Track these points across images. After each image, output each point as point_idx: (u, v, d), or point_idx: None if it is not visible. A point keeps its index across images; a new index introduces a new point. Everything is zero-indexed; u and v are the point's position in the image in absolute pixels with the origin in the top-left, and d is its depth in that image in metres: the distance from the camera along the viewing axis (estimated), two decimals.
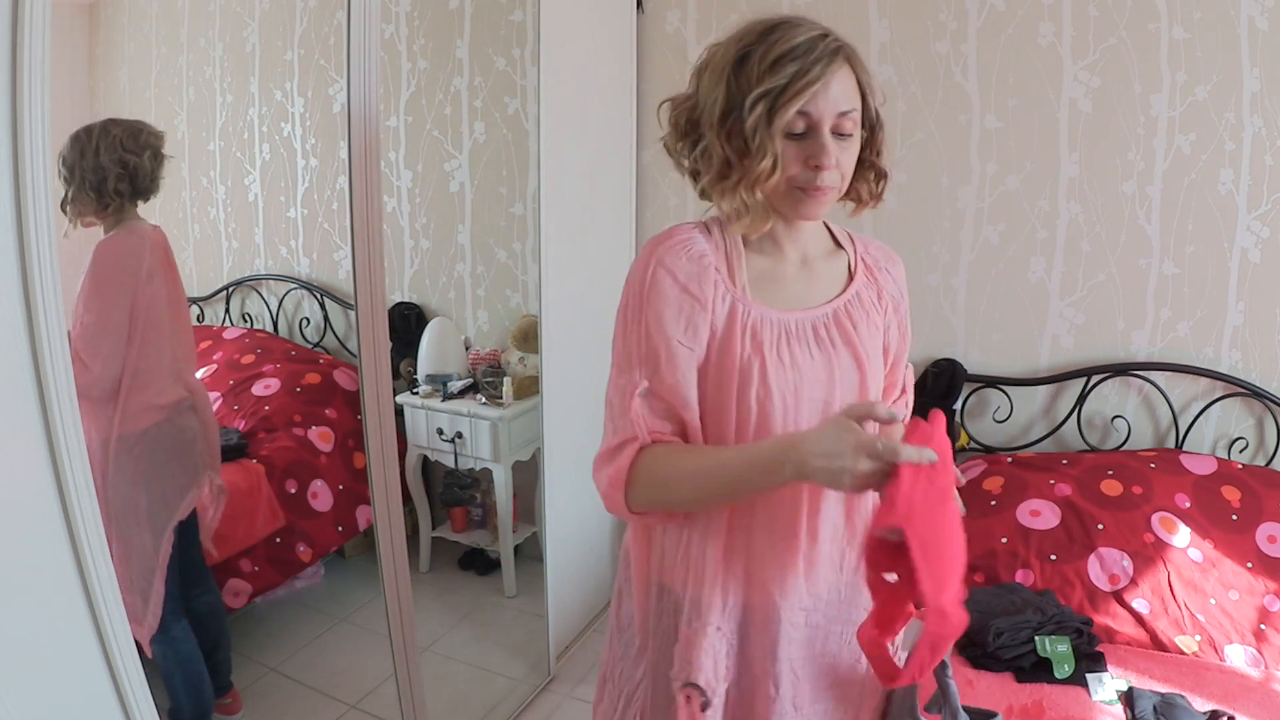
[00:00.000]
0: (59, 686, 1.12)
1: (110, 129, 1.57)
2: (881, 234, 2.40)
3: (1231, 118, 2.00)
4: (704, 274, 0.95)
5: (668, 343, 0.94)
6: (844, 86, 0.90)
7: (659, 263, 0.95)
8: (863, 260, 1.06)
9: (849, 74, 0.91)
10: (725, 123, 0.91)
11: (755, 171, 0.90)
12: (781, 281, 1.00)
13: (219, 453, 1.83)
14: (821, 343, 0.98)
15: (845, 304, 1.01)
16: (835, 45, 0.90)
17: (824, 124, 0.89)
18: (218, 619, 1.86)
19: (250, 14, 2.08)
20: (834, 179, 0.92)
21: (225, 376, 2.08)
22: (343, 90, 1.53)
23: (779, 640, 0.99)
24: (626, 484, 0.93)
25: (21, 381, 1.04)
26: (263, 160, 2.15)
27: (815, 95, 0.88)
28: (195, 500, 1.75)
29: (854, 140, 0.93)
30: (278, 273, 2.24)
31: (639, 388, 0.94)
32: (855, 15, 2.32)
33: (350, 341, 2.30)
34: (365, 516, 2.25)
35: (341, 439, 2.23)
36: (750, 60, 0.90)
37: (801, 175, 0.92)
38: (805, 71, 0.87)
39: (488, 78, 2.55)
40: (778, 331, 0.96)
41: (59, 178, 1.51)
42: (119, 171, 1.57)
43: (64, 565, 1.10)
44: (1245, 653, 1.65)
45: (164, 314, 1.68)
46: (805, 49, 0.88)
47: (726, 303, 0.95)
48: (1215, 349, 2.12)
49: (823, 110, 0.89)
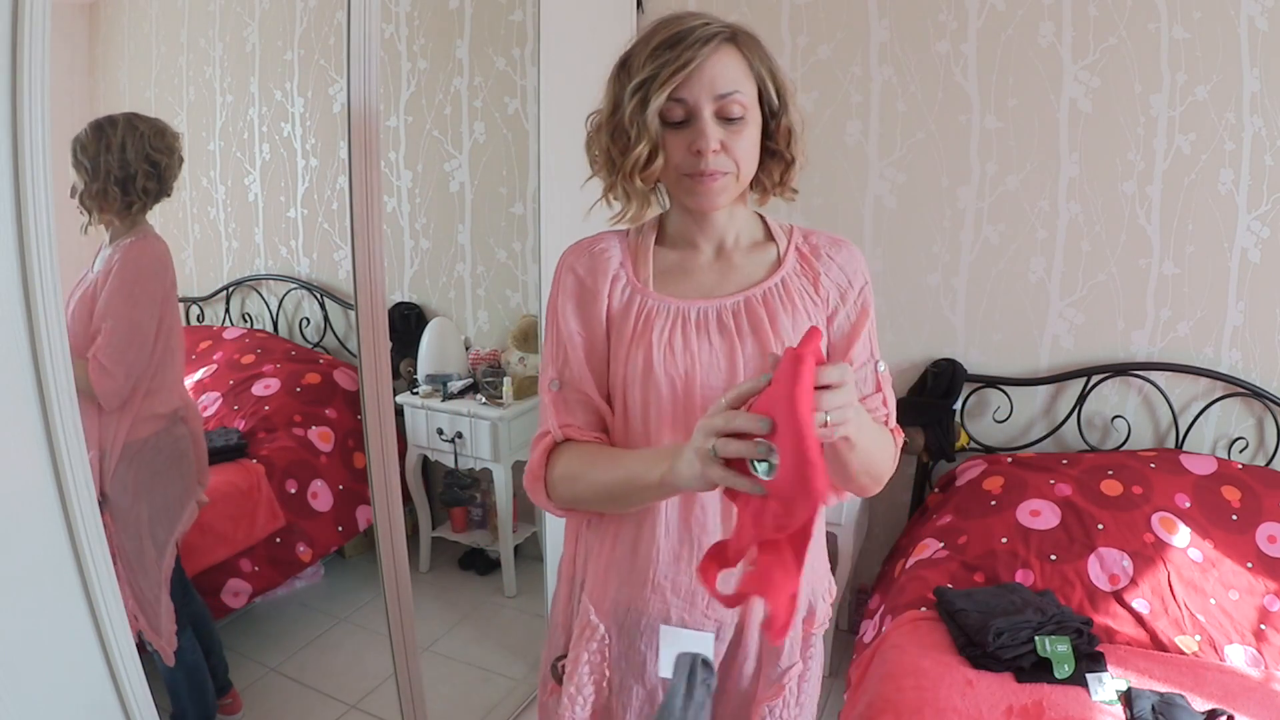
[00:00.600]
0: (59, 687, 1.12)
1: (136, 124, 1.53)
2: (882, 234, 2.40)
3: (1231, 118, 2.00)
4: (599, 266, 0.98)
5: (570, 336, 0.97)
6: (725, 68, 0.89)
7: (565, 264, 1.00)
8: (797, 249, 1.02)
9: (734, 57, 0.90)
10: (611, 120, 0.93)
11: (632, 158, 0.90)
12: (691, 273, 1.00)
13: (207, 464, 1.81)
14: (725, 330, 0.95)
15: (763, 292, 0.98)
16: (714, 31, 0.89)
17: (702, 108, 0.89)
18: (206, 625, 1.85)
19: (250, 14, 2.07)
20: (722, 163, 0.91)
21: (225, 376, 2.08)
22: (343, 90, 1.53)
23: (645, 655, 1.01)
24: (545, 479, 0.96)
25: (21, 381, 1.04)
26: (263, 160, 2.15)
27: (689, 79, 0.87)
28: (195, 512, 1.72)
29: (746, 124, 0.91)
30: (278, 273, 2.24)
31: (550, 382, 0.98)
32: (855, 15, 2.32)
33: (350, 341, 2.30)
34: (365, 516, 2.25)
35: (341, 439, 2.23)
36: (633, 58, 0.91)
37: (686, 162, 0.91)
38: (677, 58, 0.87)
39: (488, 78, 2.55)
40: (672, 319, 0.95)
41: (77, 166, 1.46)
42: (148, 169, 1.53)
43: (64, 565, 1.10)
44: (1245, 653, 1.65)
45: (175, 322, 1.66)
46: (681, 37, 0.88)
47: (626, 294, 0.97)
48: (1215, 349, 2.12)
49: (698, 94, 0.88)
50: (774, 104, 0.94)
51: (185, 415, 1.72)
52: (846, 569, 2.28)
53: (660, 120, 0.90)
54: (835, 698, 2.21)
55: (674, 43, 0.88)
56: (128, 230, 1.56)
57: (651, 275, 0.99)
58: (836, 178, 2.42)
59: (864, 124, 2.37)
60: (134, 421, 1.58)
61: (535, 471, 0.96)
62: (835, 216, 2.44)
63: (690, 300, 0.97)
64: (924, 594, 1.83)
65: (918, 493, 2.44)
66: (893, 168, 2.36)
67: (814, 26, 2.37)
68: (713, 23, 0.90)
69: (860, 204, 2.41)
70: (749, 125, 0.91)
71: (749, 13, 2.43)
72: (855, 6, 2.31)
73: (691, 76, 0.87)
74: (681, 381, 0.93)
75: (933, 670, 1.57)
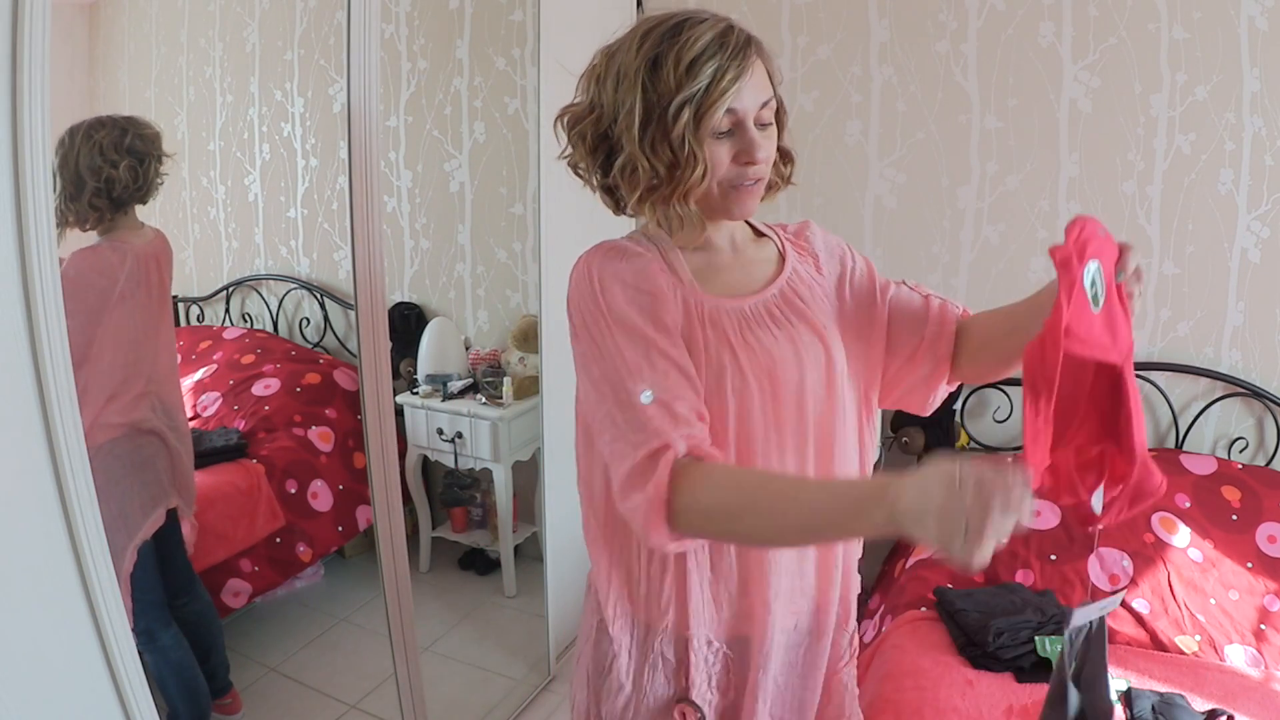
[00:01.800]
0: (59, 687, 1.12)
1: (94, 133, 1.48)
2: (882, 234, 2.40)
3: (1231, 118, 2.00)
4: (647, 269, 0.91)
5: (649, 343, 0.86)
6: (760, 77, 0.88)
7: (600, 274, 0.90)
8: (788, 240, 1.05)
9: (760, 63, 0.89)
10: (647, 133, 0.86)
11: (689, 181, 0.87)
12: (721, 272, 0.98)
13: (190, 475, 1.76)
14: (780, 323, 0.95)
15: (788, 282, 0.99)
16: (745, 36, 0.88)
17: (749, 118, 0.87)
18: (208, 625, 1.84)
19: (250, 14, 2.07)
20: (764, 172, 0.91)
21: (225, 376, 2.08)
22: (343, 90, 1.53)
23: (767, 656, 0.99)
24: (668, 503, 0.80)
25: (21, 381, 1.04)
26: (263, 160, 2.15)
27: (740, 91, 0.86)
28: (160, 520, 1.68)
29: (774, 128, 0.92)
30: (278, 273, 2.23)
31: (641, 394, 0.84)
32: (855, 15, 2.32)
33: (350, 341, 2.29)
34: (365, 516, 2.25)
35: (341, 439, 2.23)
36: (663, 64, 0.85)
37: (733, 174, 0.89)
38: (725, 70, 0.84)
39: (488, 78, 2.55)
40: (736, 319, 0.93)
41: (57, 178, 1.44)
42: (95, 185, 1.48)
43: (64, 565, 1.10)
44: (1245, 652, 1.65)
45: (139, 332, 1.62)
46: (719, 45, 0.85)
47: (678, 298, 0.92)
48: (1215, 349, 2.12)
49: (747, 105, 0.87)
50: (779, 104, 0.94)
51: (154, 426, 1.66)
52: None
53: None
54: None
55: (713, 53, 0.84)
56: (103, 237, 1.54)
57: (692, 277, 0.95)
58: (836, 178, 2.42)
59: (864, 124, 2.37)
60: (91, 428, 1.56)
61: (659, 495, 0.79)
62: (835, 216, 2.44)
63: (738, 298, 0.95)
64: (924, 594, 1.83)
65: None
66: (893, 168, 2.36)
67: (814, 26, 2.37)
68: (735, 26, 0.88)
69: (860, 204, 2.41)
70: (774, 128, 0.92)
71: (749, 13, 2.43)
72: (855, 6, 2.31)
73: (741, 89, 0.86)
74: (768, 380, 0.91)
75: (933, 670, 1.57)
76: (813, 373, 0.93)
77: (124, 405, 1.60)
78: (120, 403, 1.60)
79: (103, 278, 1.54)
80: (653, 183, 0.88)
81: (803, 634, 1.03)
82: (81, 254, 1.53)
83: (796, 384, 0.92)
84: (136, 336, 1.61)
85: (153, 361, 1.68)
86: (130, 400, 1.62)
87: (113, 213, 1.54)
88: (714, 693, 1.00)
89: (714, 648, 0.99)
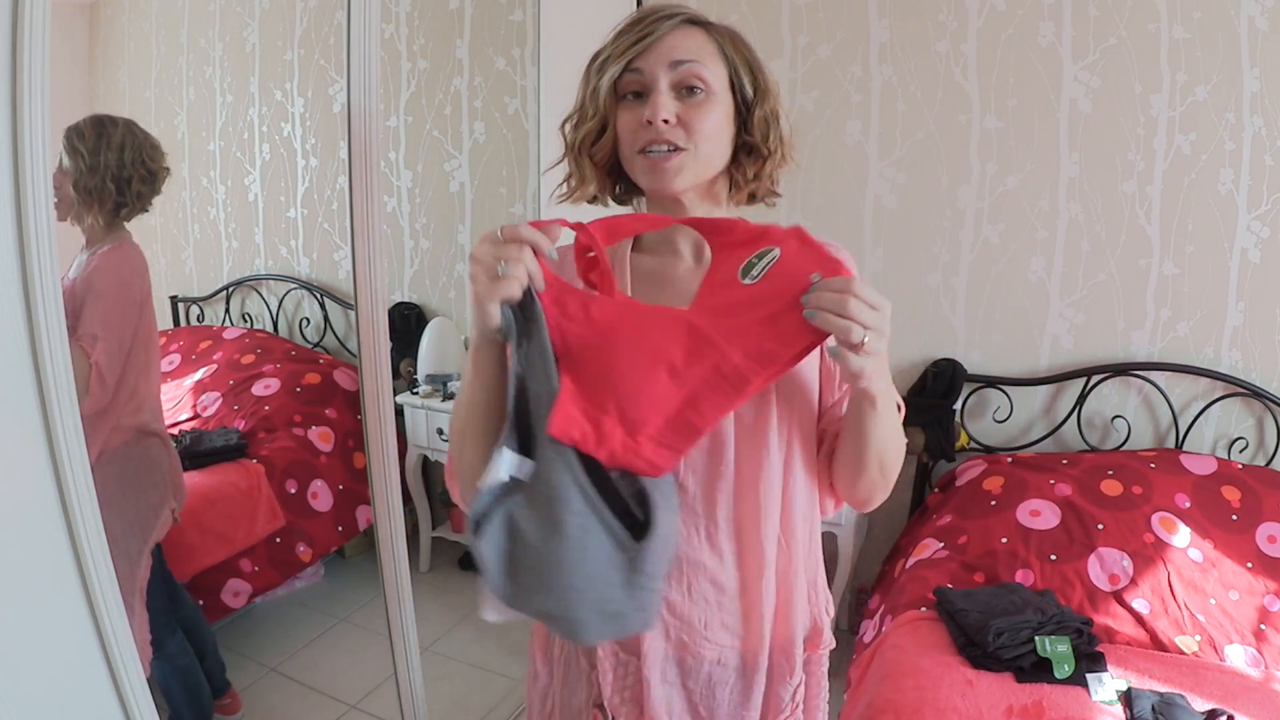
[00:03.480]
0: (59, 687, 1.12)
1: (135, 131, 1.52)
2: (882, 234, 2.40)
3: (1231, 118, 2.00)
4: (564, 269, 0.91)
5: None
6: (684, 40, 0.86)
7: None
8: None
9: (699, 36, 0.88)
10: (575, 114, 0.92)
11: (582, 132, 0.89)
12: (672, 280, 0.95)
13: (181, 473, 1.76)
14: None
15: None
16: (677, 12, 0.87)
17: (658, 77, 0.85)
18: (200, 629, 1.84)
19: (250, 14, 2.07)
20: (677, 136, 0.85)
21: (225, 376, 2.08)
22: (343, 90, 1.53)
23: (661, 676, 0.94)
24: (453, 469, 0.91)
25: (21, 381, 1.04)
26: (263, 160, 2.15)
27: (645, 50, 0.85)
28: (169, 523, 1.68)
29: (709, 102, 0.86)
30: (278, 273, 2.23)
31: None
32: (855, 15, 2.32)
33: (350, 341, 2.29)
34: (365, 516, 2.25)
35: (341, 439, 2.23)
36: (602, 49, 0.90)
37: (638, 136, 0.86)
38: (638, 32, 0.86)
39: (488, 78, 2.55)
40: None
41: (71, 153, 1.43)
42: (144, 174, 1.52)
43: (64, 566, 1.10)
44: (1245, 653, 1.65)
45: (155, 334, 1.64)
46: (644, 15, 0.87)
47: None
48: (1215, 349, 2.12)
49: (654, 64, 0.85)
50: (747, 92, 0.89)
51: (156, 428, 1.68)
52: (846, 569, 2.28)
53: (616, 94, 0.87)
54: (835, 697, 2.20)
55: (636, 20, 0.87)
56: (103, 237, 1.52)
57: (629, 284, 0.94)
58: (836, 177, 2.42)
59: (864, 124, 2.37)
60: (111, 431, 1.55)
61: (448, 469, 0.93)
62: (835, 216, 2.44)
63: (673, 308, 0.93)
64: (924, 594, 1.83)
65: (918, 493, 2.44)
66: (893, 168, 2.36)
67: (814, 26, 2.37)
68: (682, 10, 0.89)
69: (860, 204, 2.41)
70: (713, 104, 0.87)
71: (749, 13, 2.43)
72: (855, 6, 2.31)
73: (649, 47, 0.85)
74: None
75: (933, 670, 1.57)
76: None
77: (139, 406, 1.61)
78: (138, 405, 1.61)
79: (140, 277, 1.57)
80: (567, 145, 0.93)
81: (729, 670, 0.96)
82: (119, 251, 1.53)
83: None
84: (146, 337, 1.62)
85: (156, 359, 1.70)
86: (146, 401, 1.64)
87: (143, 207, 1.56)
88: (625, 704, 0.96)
89: (620, 658, 0.95)
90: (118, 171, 1.49)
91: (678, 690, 0.95)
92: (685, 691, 0.95)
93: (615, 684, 0.96)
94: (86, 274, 1.48)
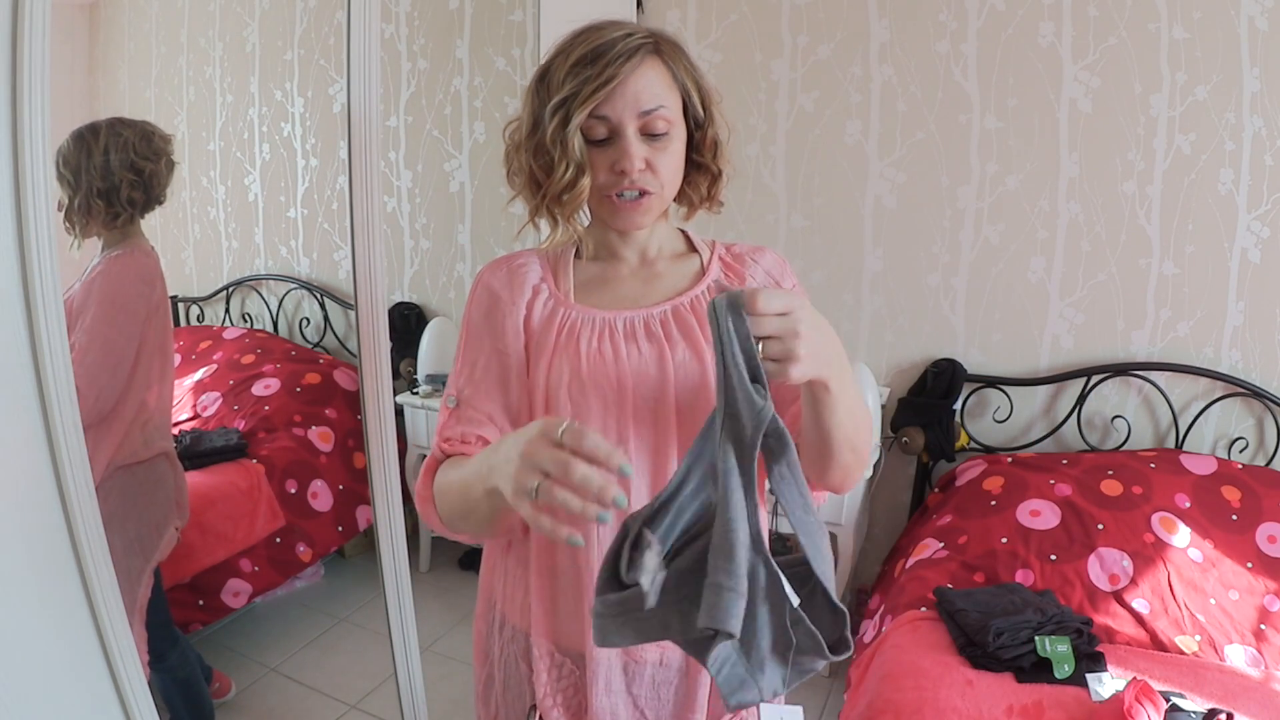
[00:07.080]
0: (59, 687, 1.12)
1: (120, 130, 1.47)
2: (882, 234, 2.40)
3: (1231, 118, 2.00)
4: (516, 280, 0.94)
5: (479, 352, 0.93)
6: (649, 83, 0.85)
7: (481, 281, 0.96)
8: (720, 258, 1.00)
9: (658, 70, 0.86)
10: (532, 139, 0.88)
11: (558, 183, 0.86)
12: (614, 284, 0.96)
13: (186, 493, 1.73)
14: (654, 338, 0.91)
15: (690, 300, 0.94)
16: (637, 43, 0.85)
17: (625, 125, 0.85)
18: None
19: (250, 14, 2.07)
20: (647, 181, 0.87)
21: (225, 376, 2.08)
22: (343, 90, 1.53)
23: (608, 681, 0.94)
24: (432, 498, 0.88)
25: (21, 382, 1.04)
26: (263, 160, 2.15)
27: (611, 96, 0.84)
28: (174, 541, 1.64)
29: (671, 140, 0.88)
30: (278, 273, 2.24)
31: (448, 398, 0.93)
32: (855, 15, 2.32)
33: (350, 341, 2.30)
34: (365, 516, 2.25)
35: (341, 439, 2.23)
36: (552, 71, 0.86)
37: (609, 182, 0.87)
38: (599, 74, 0.83)
39: (488, 78, 2.55)
40: (598, 329, 0.91)
41: (59, 180, 1.40)
42: (133, 178, 1.46)
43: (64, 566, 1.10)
44: (1245, 652, 1.65)
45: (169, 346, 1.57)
46: (603, 50, 0.84)
47: (549, 306, 0.93)
48: (1215, 349, 2.12)
49: (621, 111, 0.84)
50: (699, 115, 0.91)
51: (163, 446, 1.64)
52: (846, 569, 2.28)
53: (583, 138, 0.86)
54: (835, 697, 2.21)
55: (595, 57, 0.84)
56: (117, 242, 1.49)
57: (573, 287, 0.95)
58: (836, 178, 2.42)
59: (864, 124, 2.37)
60: (121, 446, 1.51)
61: (420, 493, 0.89)
62: (835, 216, 2.44)
63: (616, 310, 0.93)
64: (924, 594, 1.83)
65: (918, 493, 2.44)
66: (893, 168, 2.36)
67: (814, 26, 2.37)
68: (635, 33, 0.86)
69: (860, 204, 2.41)
70: (674, 141, 0.88)
71: (749, 13, 2.43)
72: (855, 6, 2.31)
73: (614, 93, 0.83)
74: (613, 391, 0.89)
75: (933, 670, 1.57)
76: (685, 391, 0.91)
77: (141, 421, 1.57)
78: (153, 420, 1.58)
79: (145, 285, 1.51)
80: (534, 186, 0.91)
81: (672, 671, 0.95)
82: (119, 260, 1.48)
83: (655, 398, 0.90)
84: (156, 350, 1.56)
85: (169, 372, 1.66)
86: (159, 416, 1.61)
87: (144, 211, 1.51)
88: (560, 710, 0.95)
89: (557, 660, 0.95)
90: (103, 184, 1.44)
91: (623, 698, 0.95)
92: (630, 697, 0.95)
93: (549, 685, 0.96)
94: (88, 280, 1.46)
